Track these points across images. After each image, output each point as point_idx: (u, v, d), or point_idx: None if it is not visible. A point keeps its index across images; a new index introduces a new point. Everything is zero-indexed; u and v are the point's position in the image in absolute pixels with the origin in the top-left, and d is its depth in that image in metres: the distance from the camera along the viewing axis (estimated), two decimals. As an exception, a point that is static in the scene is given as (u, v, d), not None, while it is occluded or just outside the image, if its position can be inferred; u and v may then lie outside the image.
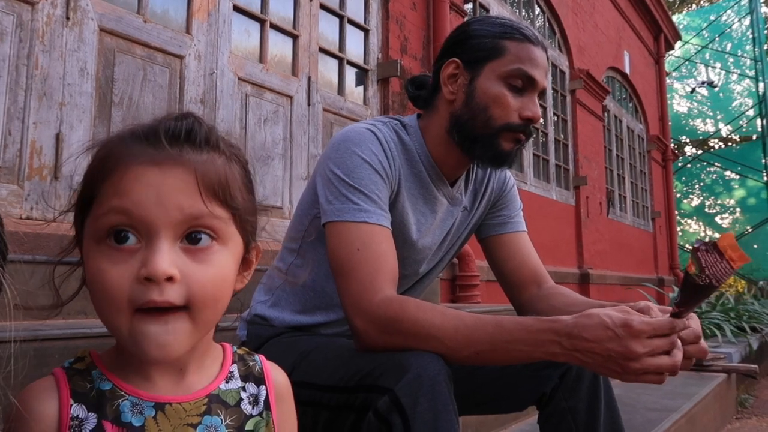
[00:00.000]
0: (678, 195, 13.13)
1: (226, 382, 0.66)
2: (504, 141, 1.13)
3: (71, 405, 0.59)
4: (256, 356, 0.72)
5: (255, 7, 3.05)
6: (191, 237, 0.59)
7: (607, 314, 0.84)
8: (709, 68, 13.81)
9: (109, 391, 0.60)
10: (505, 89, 1.12)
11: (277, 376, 0.71)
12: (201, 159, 0.60)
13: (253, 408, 0.66)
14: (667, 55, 10.37)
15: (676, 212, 10.16)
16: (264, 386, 0.69)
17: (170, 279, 0.56)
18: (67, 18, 2.19)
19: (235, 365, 0.68)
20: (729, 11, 13.39)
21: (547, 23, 6.18)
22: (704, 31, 13.54)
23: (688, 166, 13.98)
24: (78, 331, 1.31)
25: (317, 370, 1.00)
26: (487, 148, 1.13)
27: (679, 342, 0.85)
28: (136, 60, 2.42)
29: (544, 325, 0.88)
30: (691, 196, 14.70)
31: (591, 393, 1.09)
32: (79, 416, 0.58)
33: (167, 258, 0.56)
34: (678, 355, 0.84)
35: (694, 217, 14.83)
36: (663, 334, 0.82)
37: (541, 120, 5.83)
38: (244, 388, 0.67)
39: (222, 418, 0.63)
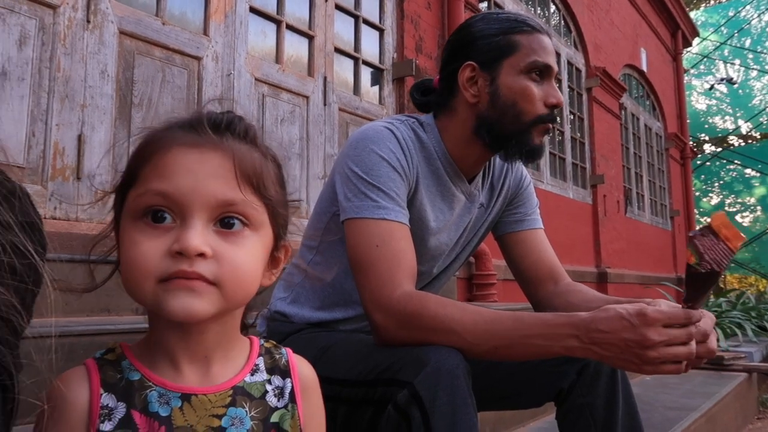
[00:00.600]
0: (697, 193, 12.97)
1: (252, 375, 0.67)
2: (536, 134, 1.14)
3: (101, 394, 0.60)
4: (283, 349, 0.72)
5: (271, 8, 3.07)
6: (224, 222, 0.61)
7: (622, 306, 0.85)
8: (728, 65, 13.62)
9: (137, 381, 0.62)
10: (528, 81, 1.13)
11: (303, 369, 0.72)
12: (239, 147, 0.63)
13: (278, 400, 0.67)
14: (684, 51, 10.24)
15: (696, 211, 10.03)
16: (289, 379, 0.69)
17: (201, 255, 0.58)
18: (88, 21, 2.23)
19: (261, 358, 0.69)
20: (748, 7, 13.20)
21: (562, 21, 6.14)
22: (723, 28, 13.36)
23: (707, 164, 13.79)
24: (102, 327, 1.34)
25: (336, 365, 1.01)
26: (522, 144, 1.14)
27: (693, 331, 0.85)
28: (155, 62, 2.46)
29: (562, 320, 0.89)
30: (710, 194, 14.51)
31: (609, 389, 1.09)
32: (109, 405, 0.60)
33: (201, 236, 0.58)
34: (694, 345, 0.84)
35: (712, 214, 14.62)
36: (678, 323, 0.83)
37: (558, 119, 5.81)
38: (269, 381, 0.68)
39: (247, 409, 0.64)
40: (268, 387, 0.67)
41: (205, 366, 0.65)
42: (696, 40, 11.11)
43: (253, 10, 2.95)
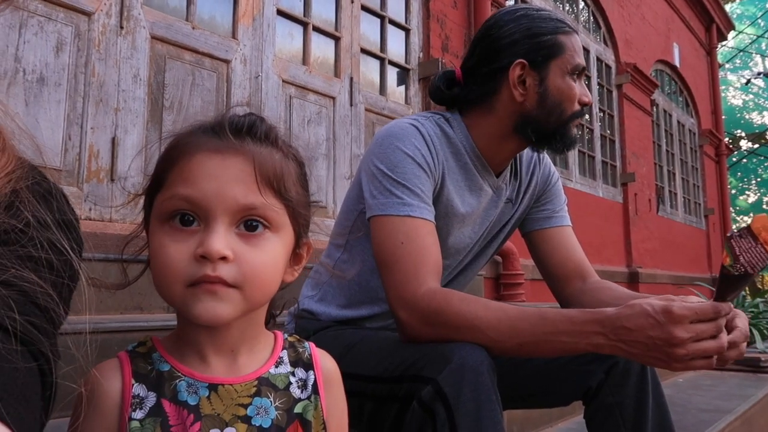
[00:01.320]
0: (733, 191, 12.64)
1: (276, 367, 0.69)
2: (573, 129, 1.20)
3: (133, 384, 0.63)
4: (306, 343, 0.75)
5: (298, 10, 3.11)
6: (247, 224, 0.63)
7: (648, 303, 0.84)
8: (766, 58, 13.22)
9: (167, 372, 0.65)
10: (572, 83, 1.16)
11: (325, 363, 0.74)
12: (260, 151, 0.65)
13: (301, 392, 0.69)
14: (719, 45, 9.99)
15: (731, 209, 9.78)
16: (312, 371, 0.71)
17: (224, 259, 0.60)
18: (121, 27, 2.29)
19: (285, 351, 0.72)
20: (786, -2, 12.81)
21: (591, 17, 6.05)
22: (759, 20, 12.98)
23: (744, 161, 13.43)
24: (135, 324, 1.37)
25: (362, 361, 1.02)
26: (564, 139, 1.18)
27: (724, 327, 0.83)
28: (185, 65, 2.51)
29: (587, 317, 0.88)
30: (747, 192, 14.11)
31: (639, 388, 1.07)
32: (140, 394, 0.63)
33: (223, 240, 0.61)
34: (724, 338, 0.82)
35: (751, 214, 14.22)
36: (707, 318, 0.81)
37: (587, 115, 5.72)
38: (293, 373, 0.70)
39: (271, 400, 0.66)
40: (292, 379, 0.70)
41: (232, 358, 0.67)
42: (731, 34, 10.82)
43: (280, 13, 2.99)
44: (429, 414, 0.86)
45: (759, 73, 13.14)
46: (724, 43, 10.87)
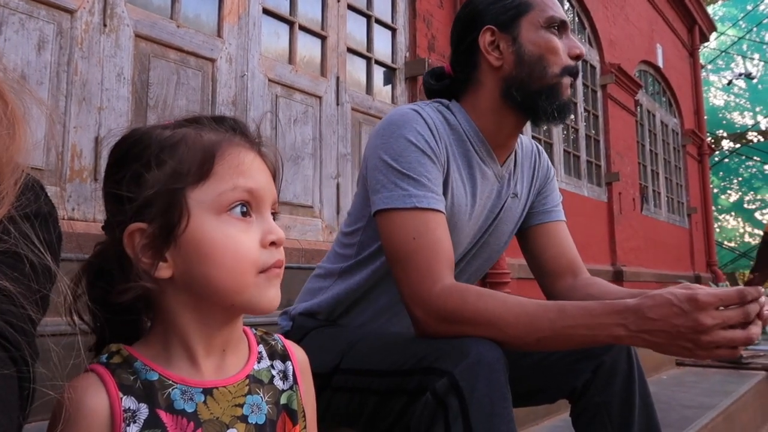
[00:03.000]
0: (715, 190, 12.80)
1: (258, 363, 0.70)
2: (564, 87, 1.13)
3: (121, 398, 0.59)
4: (275, 335, 0.76)
5: (284, 9, 3.09)
6: (273, 216, 0.68)
7: (671, 292, 0.83)
8: (747, 59, 13.42)
9: (156, 381, 0.62)
10: (549, 35, 1.13)
11: (298, 353, 0.76)
12: (268, 153, 0.71)
13: (283, 383, 0.71)
14: (702, 47, 10.11)
15: (714, 208, 9.90)
16: (290, 362, 0.73)
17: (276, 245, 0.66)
18: (104, 25, 2.26)
19: (260, 346, 0.73)
20: (767, 0, 12.99)
21: (576, 18, 6.09)
22: (741, 22, 13.16)
23: (726, 160, 13.60)
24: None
25: (368, 356, 1.01)
26: (552, 98, 1.12)
27: (755, 313, 0.81)
28: (169, 64, 2.48)
29: (607, 308, 0.87)
30: (729, 191, 14.29)
31: (625, 388, 1.08)
32: (131, 408, 0.59)
33: (278, 227, 0.66)
34: (754, 328, 0.81)
35: (732, 213, 14.42)
36: (732, 303, 0.80)
37: (572, 116, 5.77)
38: (272, 366, 0.71)
39: (261, 395, 0.67)
40: (273, 372, 0.71)
41: (220, 358, 0.67)
42: (713, 35, 10.96)
43: (266, 12, 2.97)
44: (441, 406, 0.84)
45: (740, 74, 13.30)
46: (706, 44, 11.00)
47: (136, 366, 0.62)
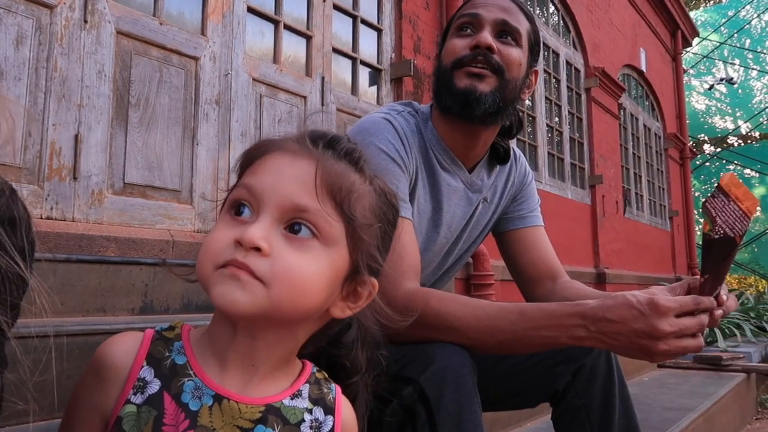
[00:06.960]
0: (696, 194, 12.97)
1: (292, 399, 0.65)
2: (457, 79, 1.12)
3: (142, 366, 0.61)
4: (332, 384, 0.71)
5: (269, 8, 3.07)
6: (292, 227, 0.61)
7: (632, 294, 0.83)
8: (728, 65, 13.61)
9: (181, 366, 0.62)
10: (454, 39, 1.15)
11: (346, 411, 0.70)
12: (332, 162, 0.64)
13: None
14: (684, 51, 10.24)
15: (695, 211, 10.03)
16: (332, 417, 0.67)
17: (258, 250, 0.58)
18: (85, 21, 2.23)
19: (307, 385, 0.67)
20: (748, 6, 13.20)
21: (561, 21, 6.13)
22: (722, 28, 13.35)
23: (707, 164, 13.78)
24: (97, 327, 1.33)
25: None
26: (449, 94, 1.12)
27: (706, 322, 0.82)
28: (152, 62, 2.45)
29: (567, 309, 0.87)
30: (710, 194, 14.48)
31: (605, 390, 1.08)
32: (145, 378, 0.61)
33: (263, 231, 0.59)
34: (701, 338, 0.82)
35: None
36: (688, 311, 0.80)
37: (557, 118, 5.81)
38: (310, 411, 0.66)
39: (275, 431, 0.62)
40: (307, 416, 0.65)
41: (250, 374, 0.64)
42: (696, 40, 11.10)
43: (251, 10, 2.95)
44: (409, 414, 0.84)
45: (721, 79, 13.49)
46: (688, 49, 11.14)
47: (176, 345, 0.64)
